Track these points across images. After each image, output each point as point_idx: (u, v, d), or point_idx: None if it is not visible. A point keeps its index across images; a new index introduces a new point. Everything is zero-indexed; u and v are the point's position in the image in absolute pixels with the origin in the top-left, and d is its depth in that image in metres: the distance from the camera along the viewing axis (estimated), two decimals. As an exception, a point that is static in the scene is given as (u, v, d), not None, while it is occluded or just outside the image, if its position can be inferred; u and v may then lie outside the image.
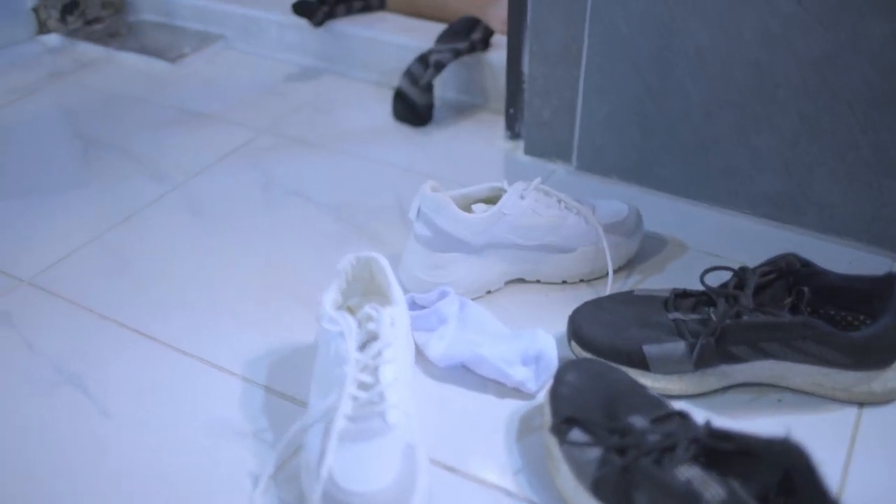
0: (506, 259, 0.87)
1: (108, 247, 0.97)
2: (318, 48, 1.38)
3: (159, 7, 1.55)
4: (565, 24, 1.01)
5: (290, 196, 1.05)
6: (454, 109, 1.25)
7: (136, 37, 1.49)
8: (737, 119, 0.96)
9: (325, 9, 1.33)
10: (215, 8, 1.47)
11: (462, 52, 1.19)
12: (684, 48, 0.95)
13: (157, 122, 1.23)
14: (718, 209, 1.02)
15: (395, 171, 1.10)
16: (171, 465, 0.69)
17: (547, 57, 1.04)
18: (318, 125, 1.21)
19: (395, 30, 1.32)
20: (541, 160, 1.11)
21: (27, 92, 1.33)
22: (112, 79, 1.37)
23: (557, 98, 1.06)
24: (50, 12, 1.50)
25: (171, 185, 1.08)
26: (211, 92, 1.32)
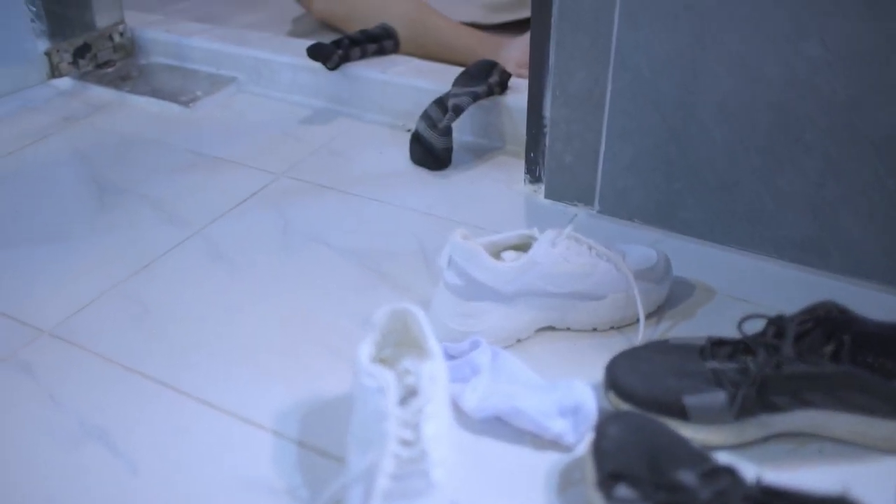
0: (536, 307, 0.86)
1: (129, 295, 0.95)
2: (332, 91, 1.38)
3: (170, 50, 1.55)
4: (588, 69, 1.01)
5: (311, 241, 1.04)
6: (472, 152, 1.25)
7: (148, 80, 1.48)
8: (761, 162, 0.95)
9: (340, 52, 1.33)
10: (227, 51, 1.47)
11: (480, 96, 1.19)
12: (708, 92, 0.95)
13: (173, 166, 1.22)
14: (743, 252, 1.01)
15: (415, 216, 1.09)
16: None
17: (569, 101, 1.04)
18: (335, 168, 1.21)
19: (411, 73, 1.32)
20: (562, 204, 1.11)
21: (41, 136, 1.32)
22: (125, 122, 1.36)
23: (580, 142, 1.06)
24: (62, 56, 1.49)
25: (189, 230, 1.07)
26: (225, 135, 1.31)
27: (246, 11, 1.93)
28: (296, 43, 1.47)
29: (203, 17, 1.86)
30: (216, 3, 2.01)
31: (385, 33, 1.40)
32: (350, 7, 1.67)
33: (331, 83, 1.37)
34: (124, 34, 1.57)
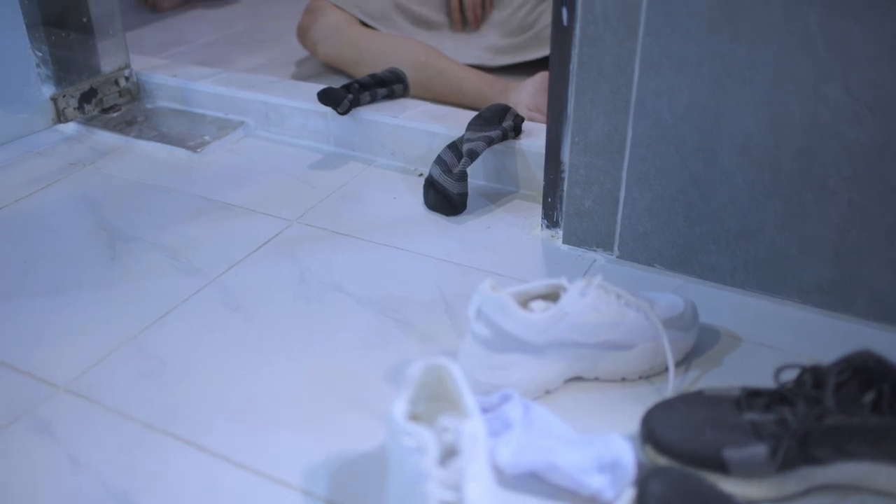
0: (566, 357, 0.84)
1: (146, 348, 0.93)
2: (342, 135, 1.37)
3: (176, 94, 1.54)
4: (608, 116, 1.00)
5: (329, 290, 1.02)
6: (486, 197, 1.24)
7: (155, 124, 1.47)
8: (784, 207, 0.95)
9: (351, 97, 1.32)
10: (235, 95, 1.47)
11: (495, 140, 1.19)
12: (730, 137, 0.94)
13: (184, 212, 1.21)
14: (767, 298, 1.01)
15: (433, 263, 1.08)
16: None
17: (588, 147, 1.03)
18: (349, 214, 1.20)
19: (422, 117, 1.32)
20: (580, 249, 1.10)
21: (48, 182, 1.30)
22: (133, 168, 1.35)
23: (599, 187, 1.05)
24: (68, 101, 1.48)
25: (204, 279, 1.05)
26: (236, 181, 1.30)
27: (249, 54, 1.93)
28: (305, 87, 1.46)
29: (205, 60, 1.86)
30: (218, 45, 2.01)
31: (395, 77, 1.40)
32: (357, 51, 1.67)
33: (341, 127, 1.37)
34: (130, 78, 1.56)
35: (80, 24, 1.50)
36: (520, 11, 1.77)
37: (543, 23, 1.71)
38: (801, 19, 0.85)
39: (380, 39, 1.68)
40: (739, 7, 0.88)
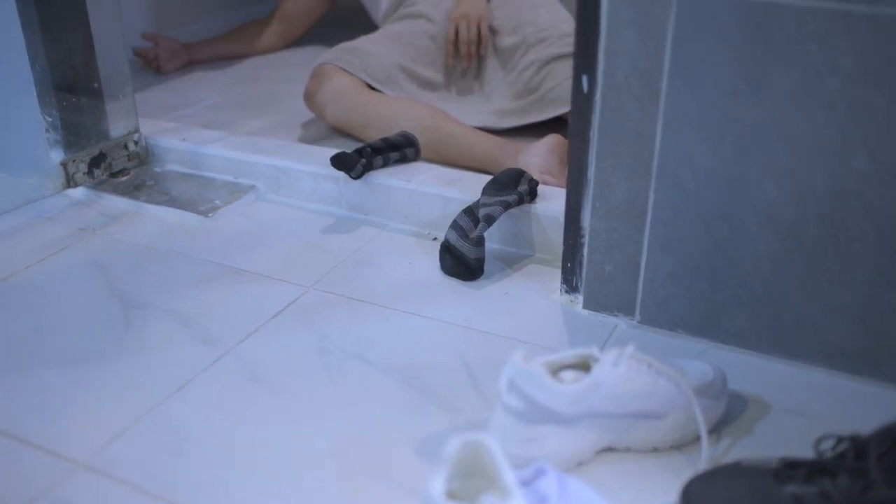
0: (598, 428, 0.83)
1: (165, 421, 0.91)
2: (354, 200, 1.37)
3: (185, 158, 1.54)
4: (629, 181, 1.01)
5: (350, 359, 1.01)
6: (502, 261, 1.23)
7: (164, 189, 1.47)
8: (809, 272, 0.95)
9: (364, 161, 1.32)
10: (245, 159, 1.47)
11: (511, 205, 1.19)
12: (753, 203, 0.95)
13: (198, 279, 1.20)
14: (792, 363, 1.00)
15: (453, 329, 1.07)
16: None
17: (610, 213, 1.03)
18: (365, 280, 1.19)
19: (436, 181, 1.32)
20: (601, 314, 1.09)
21: (58, 248, 1.29)
22: (144, 233, 1.34)
23: (620, 253, 1.05)
24: (78, 166, 1.48)
25: (222, 348, 1.03)
26: (248, 246, 1.29)
27: (254, 117, 1.94)
28: (316, 151, 1.47)
29: (211, 122, 1.86)
30: (222, 108, 2.02)
31: (406, 141, 1.40)
32: (364, 114, 1.68)
33: (353, 192, 1.37)
34: (139, 143, 1.56)
35: (91, 88, 1.51)
36: (525, 73, 1.79)
37: (548, 85, 1.73)
38: (824, 88, 0.86)
39: (387, 103, 1.70)
40: (761, 75, 0.89)
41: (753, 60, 0.89)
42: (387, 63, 1.80)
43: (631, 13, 0.93)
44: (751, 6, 0.87)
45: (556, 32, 1.80)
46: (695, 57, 0.91)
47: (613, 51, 0.95)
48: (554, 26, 1.83)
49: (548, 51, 1.76)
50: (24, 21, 1.41)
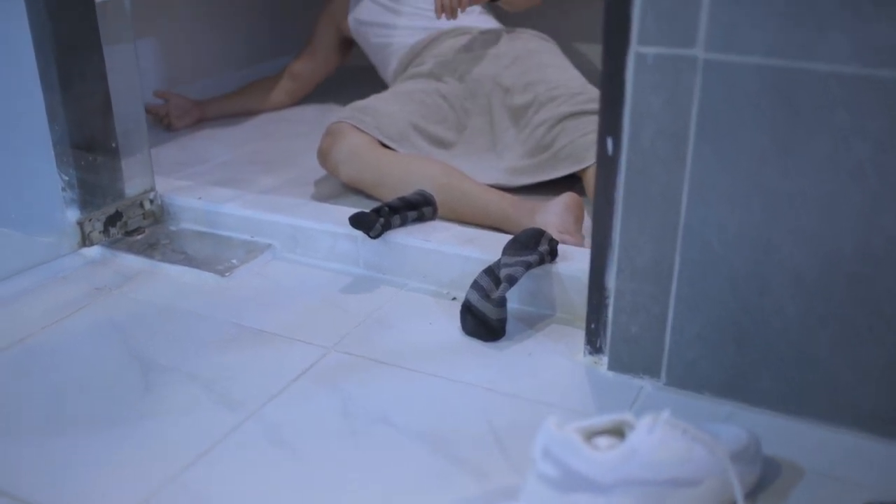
0: (633, 496, 0.81)
1: (190, 489, 0.89)
2: (372, 259, 1.37)
3: (201, 217, 1.54)
4: (655, 243, 1.01)
5: (375, 423, 1.00)
6: (522, 321, 1.23)
7: (180, 247, 1.47)
8: (839, 333, 0.94)
9: (382, 220, 1.32)
10: (262, 218, 1.47)
11: (532, 265, 1.19)
12: (781, 266, 0.94)
13: (217, 340, 1.19)
14: (822, 425, 0.99)
15: (478, 392, 1.06)
16: None
17: (635, 274, 1.03)
18: (386, 341, 1.18)
19: (454, 241, 1.32)
20: (627, 376, 1.08)
21: (75, 308, 1.28)
22: (161, 293, 1.33)
23: (646, 314, 1.04)
24: (94, 224, 1.48)
25: (244, 413, 1.02)
26: (267, 306, 1.28)
27: (266, 174, 1.95)
28: (332, 209, 1.47)
29: (224, 180, 1.87)
30: (234, 165, 2.03)
31: (424, 200, 1.40)
32: (378, 173, 1.69)
33: (371, 251, 1.36)
34: (154, 201, 1.57)
35: (108, 147, 1.51)
36: (537, 131, 1.80)
37: (561, 143, 1.74)
38: (853, 155, 0.87)
39: (401, 161, 1.71)
40: (789, 141, 0.89)
41: (780, 125, 0.89)
42: (399, 121, 1.81)
43: (656, 78, 0.94)
44: (776, 72, 0.88)
45: (568, 91, 1.82)
46: (721, 122, 0.92)
47: (639, 115, 0.96)
48: (565, 85, 1.85)
49: (559, 109, 1.78)
50: (44, 81, 1.42)
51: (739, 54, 0.89)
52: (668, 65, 0.93)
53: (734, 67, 0.90)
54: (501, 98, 1.91)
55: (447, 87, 1.94)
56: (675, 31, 0.91)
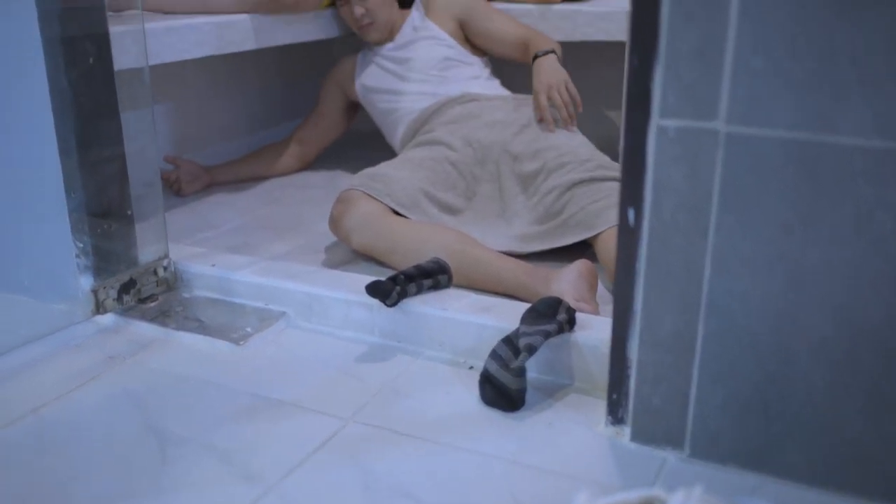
0: (667, 575, 0.80)
1: (210, 566, 0.87)
2: (388, 327, 1.36)
3: (214, 284, 1.54)
4: (678, 313, 1.00)
5: (398, 498, 0.98)
6: (540, 390, 1.22)
7: (194, 315, 1.46)
8: (867, 405, 0.94)
9: (398, 289, 1.32)
10: (276, 285, 1.47)
11: (552, 334, 1.18)
12: (807, 337, 0.94)
13: (234, 411, 1.17)
14: (852, 499, 0.97)
15: (501, 465, 1.04)
16: None
17: (658, 344, 1.03)
18: (404, 411, 1.17)
19: (471, 309, 1.32)
20: (649, 447, 1.07)
21: (89, 377, 1.27)
22: (174, 361, 1.33)
23: (668, 384, 1.04)
24: (108, 292, 1.48)
25: (264, 486, 1.00)
26: (283, 375, 1.27)
27: (276, 240, 1.95)
28: (347, 277, 1.47)
29: (235, 246, 1.88)
30: (244, 231, 2.04)
31: (439, 268, 1.41)
32: (391, 240, 1.70)
33: (387, 319, 1.36)
34: (168, 268, 1.57)
35: (124, 214, 1.52)
36: (546, 198, 1.81)
37: (571, 210, 1.75)
38: (877, 226, 0.87)
39: (413, 228, 1.71)
40: (812, 212, 0.90)
41: (803, 197, 0.90)
42: (410, 188, 1.83)
43: (678, 151, 0.95)
44: (799, 145, 0.89)
45: (577, 158, 1.84)
46: (744, 193, 0.93)
47: (661, 186, 0.97)
48: (573, 152, 1.87)
49: (569, 176, 1.79)
50: (61, 148, 1.43)
51: (761, 127, 0.91)
52: (690, 137, 0.94)
53: (756, 140, 0.91)
54: (510, 165, 1.93)
55: (456, 155, 1.96)
56: (696, 104, 0.93)
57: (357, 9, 2.24)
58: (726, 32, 0.89)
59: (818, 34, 0.85)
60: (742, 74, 0.90)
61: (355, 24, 2.29)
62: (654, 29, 0.92)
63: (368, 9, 2.24)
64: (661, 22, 0.92)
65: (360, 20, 2.25)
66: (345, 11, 2.30)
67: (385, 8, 2.26)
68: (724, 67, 0.90)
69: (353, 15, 2.26)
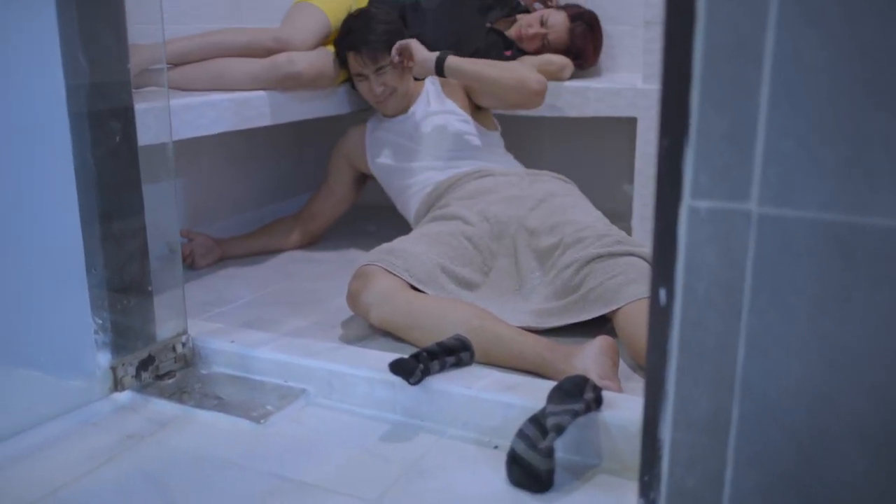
0: None
1: None
2: (410, 405, 1.35)
3: (233, 360, 1.53)
4: (712, 394, 0.99)
5: (429, 584, 0.95)
6: (567, 471, 1.20)
7: (212, 392, 1.45)
8: (907, 491, 0.92)
9: (422, 366, 1.31)
10: (296, 362, 1.46)
11: (579, 414, 1.17)
12: (845, 419, 0.93)
13: (257, 493, 1.15)
14: (895, 588, 0.95)
15: (532, 549, 1.02)
16: None
17: (691, 425, 1.01)
18: (431, 493, 1.15)
19: (496, 387, 1.30)
20: (684, 531, 1.05)
21: (108, 457, 1.25)
22: (195, 440, 1.31)
23: (703, 466, 1.02)
24: (127, 369, 1.46)
25: (290, 573, 0.98)
26: (306, 454, 1.25)
27: (292, 315, 1.95)
28: (368, 354, 1.46)
29: (250, 321, 1.87)
30: (259, 306, 2.04)
31: (461, 345, 1.40)
32: (410, 316, 1.69)
33: (409, 397, 1.35)
34: (186, 344, 1.56)
35: (143, 290, 1.52)
36: (564, 273, 1.81)
37: (590, 285, 1.75)
38: (915, 305, 0.87)
39: (432, 304, 1.71)
40: (848, 292, 0.90)
41: (839, 277, 0.90)
42: (428, 263, 1.83)
43: (710, 231, 0.95)
44: (833, 226, 0.89)
45: (594, 233, 1.85)
46: (778, 273, 0.93)
47: (693, 266, 0.97)
48: (591, 227, 1.88)
49: (587, 251, 1.80)
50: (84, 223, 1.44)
51: (794, 208, 0.91)
52: (722, 218, 0.94)
53: (788, 221, 0.91)
54: (527, 240, 1.94)
55: (473, 229, 1.97)
56: (728, 185, 0.93)
57: (377, 87, 2.28)
58: (757, 117, 0.90)
59: (850, 120, 0.86)
60: (773, 157, 0.91)
61: (374, 99, 2.33)
62: (684, 112, 0.93)
63: (387, 83, 2.28)
64: (692, 105, 0.93)
65: (379, 95, 2.29)
66: (363, 87, 2.33)
67: (402, 81, 2.30)
68: (755, 150, 0.91)
69: (372, 91, 2.30)
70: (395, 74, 2.28)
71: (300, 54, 2.30)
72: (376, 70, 2.27)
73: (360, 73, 2.30)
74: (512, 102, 2.30)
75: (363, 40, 2.24)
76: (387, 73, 2.27)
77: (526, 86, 2.22)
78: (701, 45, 0.91)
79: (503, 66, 2.29)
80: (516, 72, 2.27)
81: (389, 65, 2.26)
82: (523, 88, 2.23)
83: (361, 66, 2.28)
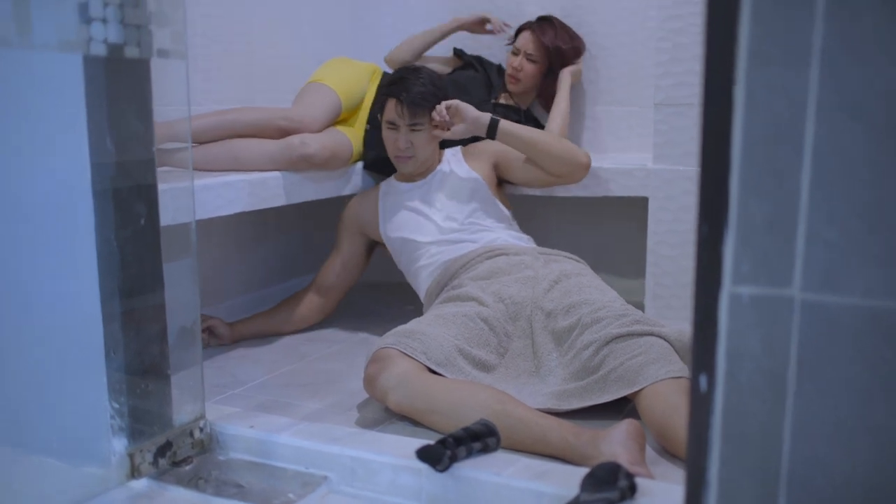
0: None
1: None
2: (437, 492, 1.31)
3: (252, 446, 1.50)
4: (756, 483, 0.97)
5: None
6: (603, 563, 1.16)
7: (231, 479, 1.41)
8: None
9: (449, 453, 1.29)
10: (318, 448, 1.43)
11: (614, 502, 1.14)
12: None
13: (283, 587, 1.11)
14: None
15: None
16: None
17: (736, 516, 0.99)
18: (463, 587, 1.11)
19: (527, 474, 1.27)
20: None
21: (126, 551, 1.21)
22: (215, 531, 1.27)
23: (748, 560, 0.99)
24: (145, 455, 1.43)
25: None
26: (331, 546, 1.22)
27: (307, 398, 1.92)
28: (392, 440, 1.43)
29: (265, 404, 1.85)
30: (272, 388, 2.01)
31: (487, 430, 1.37)
32: (429, 400, 1.66)
33: (435, 484, 1.31)
34: (204, 429, 1.53)
35: (162, 374, 1.50)
36: (583, 354, 1.80)
37: (610, 365, 1.73)
38: (966, 394, 0.86)
39: (451, 387, 1.68)
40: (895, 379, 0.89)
41: (885, 363, 0.89)
42: (445, 345, 1.81)
43: (752, 317, 0.94)
44: (877, 312, 0.89)
45: (612, 312, 1.84)
46: (822, 359, 0.92)
47: (735, 353, 0.96)
48: (608, 306, 1.87)
49: (606, 331, 1.78)
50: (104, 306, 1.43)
51: (836, 295, 0.91)
52: (764, 304, 0.94)
53: (832, 307, 0.91)
54: (543, 321, 1.93)
55: (488, 311, 1.96)
56: (770, 272, 0.93)
57: (403, 140, 2.28)
58: (798, 203, 0.91)
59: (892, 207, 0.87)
60: (816, 244, 0.91)
61: (394, 152, 2.33)
62: (724, 198, 0.94)
63: (413, 143, 2.29)
64: (731, 192, 0.94)
65: (402, 151, 2.29)
66: (389, 136, 2.32)
67: (427, 146, 2.31)
68: (797, 237, 0.91)
69: (396, 143, 2.30)
70: (425, 138, 2.29)
71: (313, 136, 2.33)
72: (410, 125, 2.28)
73: (393, 123, 2.30)
74: (557, 173, 2.31)
75: (408, 91, 2.25)
76: (418, 133, 2.27)
77: (575, 156, 2.26)
78: (740, 132, 0.92)
79: (551, 135, 2.33)
80: (565, 142, 2.31)
81: (425, 126, 2.27)
82: (573, 159, 2.26)
83: (397, 116, 2.28)
